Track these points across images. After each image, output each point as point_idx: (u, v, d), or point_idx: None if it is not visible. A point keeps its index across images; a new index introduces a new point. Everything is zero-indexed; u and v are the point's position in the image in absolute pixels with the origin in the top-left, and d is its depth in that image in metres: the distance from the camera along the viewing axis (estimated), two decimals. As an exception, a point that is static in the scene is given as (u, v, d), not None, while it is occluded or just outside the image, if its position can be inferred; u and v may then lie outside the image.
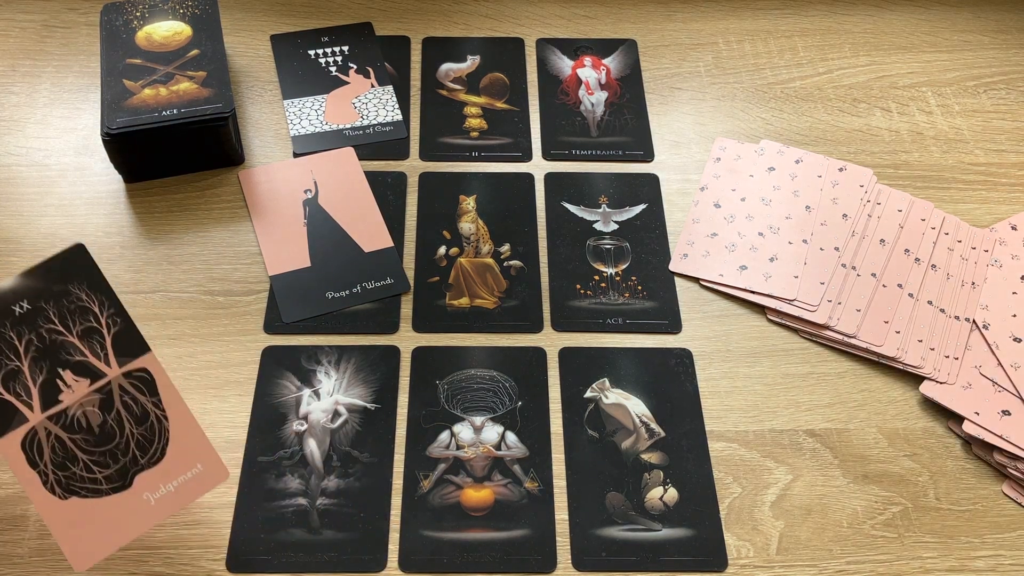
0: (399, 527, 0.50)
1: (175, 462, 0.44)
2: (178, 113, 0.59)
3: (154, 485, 0.43)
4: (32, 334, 0.42)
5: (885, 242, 0.61)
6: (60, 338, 0.43)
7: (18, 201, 0.62)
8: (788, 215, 0.62)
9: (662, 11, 0.76)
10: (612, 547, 0.49)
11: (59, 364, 0.43)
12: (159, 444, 0.44)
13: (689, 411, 0.54)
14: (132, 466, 0.43)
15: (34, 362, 0.42)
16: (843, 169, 0.65)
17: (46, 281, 0.43)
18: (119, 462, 0.43)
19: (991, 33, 0.75)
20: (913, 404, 0.55)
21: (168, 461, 0.44)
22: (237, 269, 0.59)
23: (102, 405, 0.43)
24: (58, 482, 0.42)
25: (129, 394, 0.44)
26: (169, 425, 0.44)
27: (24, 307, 0.42)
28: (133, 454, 0.43)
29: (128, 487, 0.43)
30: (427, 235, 0.62)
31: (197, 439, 0.44)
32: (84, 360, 0.43)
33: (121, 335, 0.43)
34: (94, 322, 0.43)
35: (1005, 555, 0.50)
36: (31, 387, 0.42)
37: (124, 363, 0.44)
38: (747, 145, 0.67)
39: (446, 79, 0.70)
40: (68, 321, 0.43)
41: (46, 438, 0.42)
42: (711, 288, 0.60)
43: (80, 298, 0.43)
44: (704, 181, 0.65)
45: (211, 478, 0.44)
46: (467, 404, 0.54)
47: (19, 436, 0.42)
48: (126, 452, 0.43)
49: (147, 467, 0.43)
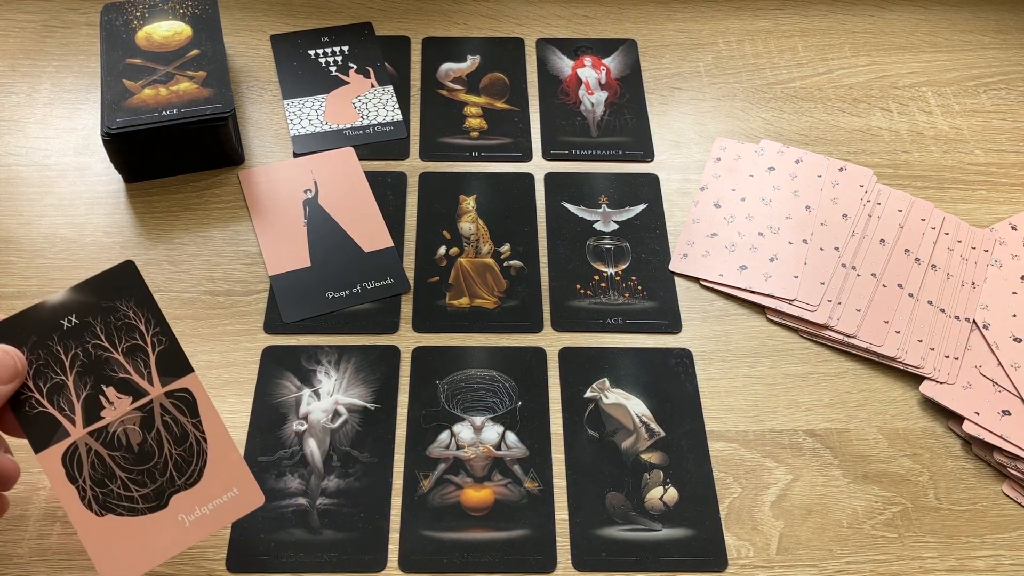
0: (399, 527, 0.50)
1: (211, 485, 0.44)
2: (178, 113, 0.59)
3: (190, 507, 0.43)
4: (78, 349, 0.43)
5: (885, 242, 0.61)
6: (105, 354, 0.43)
7: (18, 201, 0.62)
8: (788, 215, 0.62)
9: (662, 11, 0.76)
10: (612, 547, 0.49)
11: (103, 380, 0.43)
12: (197, 466, 0.44)
13: (689, 411, 0.54)
14: (169, 486, 0.43)
15: (79, 377, 0.43)
16: (843, 169, 0.65)
17: (95, 296, 0.43)
18: (156, 482, 0.43)
19: (991, 33, 0.75)
20: (913, 404, 0.55)
21: (205, 483, 0.44)
22: (237, 269, 0.59)
23: (143, 423, 0.43)
24: (95, 498, 0.42)
25: (170, 414, 0.44)
26: (208, 447, 0.44)
27: (72, 321, 0.43)
28: (171, 474, 0.43)
29: (164, 507, 0.43)
30: (427, 235, 0.62)
31: (234, 463, 0.44)
32: (128, 378, 0.43)
33: (165, 354, 0.44)
34: (139, 340, 0.44)
35: (1005, 555, 0.50)
36: (75, 402, 0.43)
37: (167, 383, 0.44)
38: (747, 145, 0.67)
39: (446, 79, 0.70)
40: (114, 337, 0.43)
41: (86, 454, 0.42)
42: (711, 288, 0.60)
43: (127, 315, 0.44)
44: (704, 181, 0.65)
45: (246, 503, 0.44)
46: (467, 404, 0.54)
47: (60, 450, 0.42)
48: (164, 472, 0.43)
49: (184, 488, 0.43)
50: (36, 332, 0.42)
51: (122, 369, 0.43)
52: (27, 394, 0.42)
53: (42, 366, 0.42)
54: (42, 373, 0.42)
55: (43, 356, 0.42)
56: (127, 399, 0.43)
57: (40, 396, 0.42)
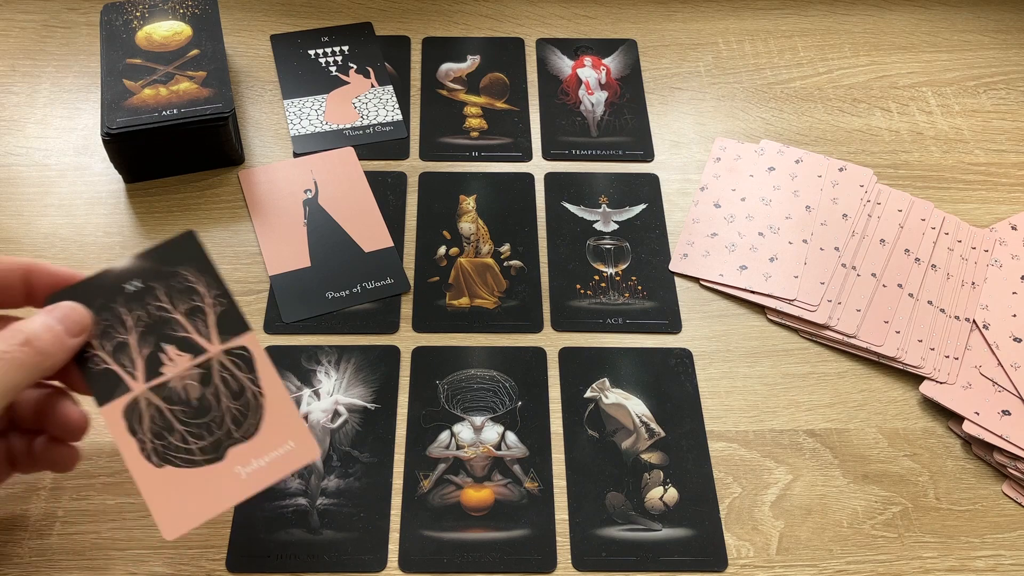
0: (399, 527, 0.50)
1: (268, 438, 0.44)
2: (178, 113, 0.59)
3: (246, 459, 0.44)
4: (141, 310, 0.45)
5: (885, 242, 0.61)
6: (166, 315, 0.45)
7: (18, 201, 0.62)
8: (788, 215, 0.62)
9: (662, 11, 0.76)
10: (612, 547, 0.49)
11: (164, 339, 0.45)
12: (253, 419, 0.45)
13: (689, 411, 0.54)
14: (226, 439, 0.44)
15: (141, 336, 0.45)
16: (843, 169, 0.65)
17: (158, 263, 0.46)
18: (214, 435, 0.44)
19: (991, 33, 0.75)
20: (913, 404, 0.55)
21: (261, 436, 0.44)
22: (237, 269, 0.59)
23: (201, 379, 0.45)
24: (155, 450, 0.44)
25: (228, 370, 0.45)
26: (264, 402, 0.45)
27: (136, 285, 0.46)
28: (228, 428, 0.44)
29: (221, 459, 0.44)
30: (427, 235, 0.62)
31: (291, 417, 0.45)
32: (187, 336, 0.45)
33: (224, 315, 0.46)
34: (199, 302, 0.46)
35: (1005, 555, 0.50)
36: (136, 359, 0.45)
37: (226, 340, 0.46)
38: (747, 145, 0.67)
39: (446, 79, 0.70)
40: (175, 300, 0.46)
41: (146, 407, 0.44)
42: (711, 288, 0.60)
43: (188, 279, 0.46)
44: (704, 181, 0.65)
45: (301, 456, 0.45)
46: (467, 404, 0.54)
47: (122, 404, 0.44)
48: (221, 425, 0.44)
49: (240, 441, 0.44)
50: (102, 295, 0.45)
51: (182, 329, 0.45)
52: (92, 352, 0.44)
53: (107, 326, 0.45)
54: (107, 333, 0.45)
55: (108, 318, 0.45)
56: (187, 356, 0.45)
57: (104, 354, 0.44)
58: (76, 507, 0.49)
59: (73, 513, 0.49)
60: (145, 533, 0.49)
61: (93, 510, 0.49)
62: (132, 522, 0.49)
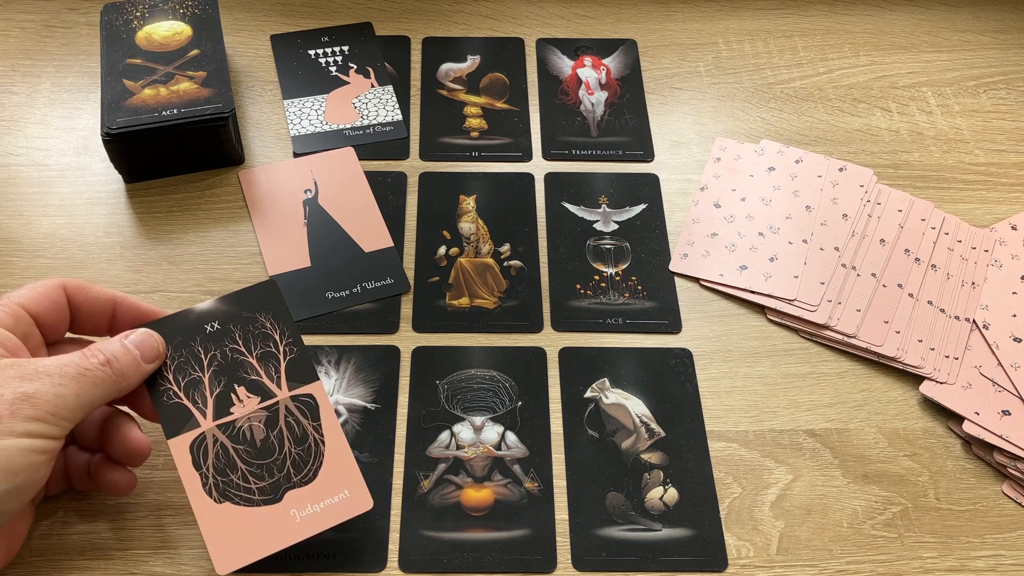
0: (399, 527, 0.50)
1: (325, 485, 0.46)
2: (178, 113, 0.59)
3: (302, 503, 0.46)
4: (217, 351, 0.48)
5: (885, 242, 0.61)
6: (240, 358, 0.48)
7: (18, 201, 0.62)
8: (788, 215, 0.62)
9: (662, 11, 0.76)
10: (612, 547, 0.49)
11: (236, 380, 0.47)
12: (313, 465, 0.47)
13: (689, 411, 0.54)
14: (285, 482, 0.46)
15: (214, 375, 0.47)
16: (843, 169, 0.65)
17: (237, 307, 0.49)
18: (274, 476, 0.46)
19: (991, 33, 0.75)
20: (913, 404, 0.55)
21: (319, 483, 0.46)
22: (237, 269, 0.59)
23: (267, 422, 0.47)
24: (216, 486, 0.46)
25: (293, 415, 0.47)
26: (325, 449, 0.47)
27: (214, 327, 0.48)
28: (288, 471, 0.46)
29: (278, 501, 0.46)
30: (427, 235, 0.62)
31: (348, 467, 0.47)
32: (259, 380, 0.48)
33: (294, 362, 0.48)
34: (273, 348, 0.48)
35: (1005, 555, 0.50)
36: (208, 397, 0.47)
37: (293, 387, 0.48)
38: (747, 145, 0.67)
39: (446, 79, 0.70)
40: (250, 344, 0.48)
41: (212, 444, 0.46)
42: (711, 288, 0.60)
43: (264, 326, 0.49)
44: (704, 181, 0.65)
45: (355, 506, 0.46)
46: (467, 404, 0.54)
47: (190, 438, 0.46)
48: (282, 468, 0.46)
49: (298, 485, 0.46)
50: (181, 333, 0.48)
51: (254, 372, 0.48)
52: (166, 386, 0.47)
53: (183, 363, 0.47)
54: (182, 369, 0.47)
55: (185, 354, 0.47)
56: (255, 399, 0.47)
57: (177, 389, 0.47)
58: (76, 507, 0.49)
59: (73, 513, 0.49)
60: (145, 533, 0.49)
61: (93, 510, 0.49)
62: (132, 522, 0.49)
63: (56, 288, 0.46)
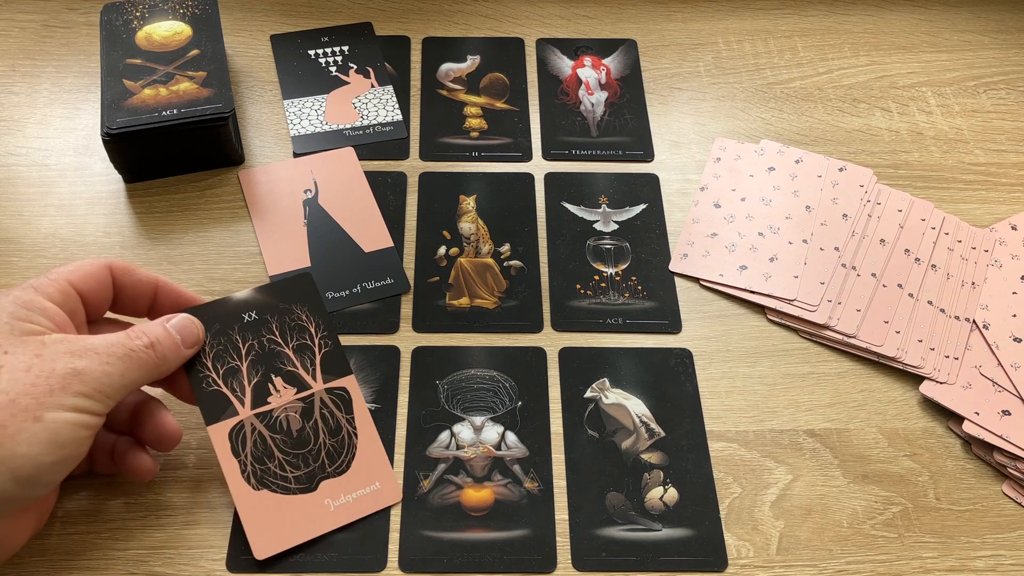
0: (399, 527, 0.50)
1: (357, 476, 0.48)
2: (178, 113, 0.59)
3: (335, 493, 0.48)
4: (255, 340, 0.49)
5: (885, 242, 0.61)
6: (277, 348, 0.49)
7: (18, 201, 0.62)
8: (788, 215, 0.62)
9: (662, 11, 0.76)
10: (612, 547, 0.49)
11: (272, 371, 0.49)
12: (346, 457, 0.48)
13: (689, 411, 0.54)
14: (320, 472, 0.48)
15: (252, 365, 0.49)
16: (843, 169, 0.65)
17: (274, 298, 0.50)
18: (309, 466, 0.48)
19: (991, 33, 0.75)
20: (913, 404, 0.55)
21: (352, 474, 0.48)
22: (237, 269, 0.59)
23: (303, 413, 0.49)
24: (254, 473, 0.47)
25: (328, 408, 0.49)
26: (358, 442, 0.49)
27: (252, 316, 0.49)
28: (323, 461, 0.48)
29: (313, 490, 0.48)
30: (427, 235, 0.62)
31: (380, 459, 0.49)
32: (295, 371, 0.49)
33: (329, 355, 0.50)
34: (308, 340, 0.50)
35: (1005, 555, 0.50)
36: (246, 386, 0.48)
37: (328, 380, 0.50)
38: (747, 145, 0.67)
39: (446, 79, 0.70)
40: (287, 335, 0.50)
41: (250, 432, 0.48)
42: (711, 288, 0.60)
43: (300, 318, 0.50)
44: (704, 181, 0.65)
45: (386, 497, 0.48)
46: (467, 404, 0.54)
47: (228, 425, 0.47)
48: (317, 458, 0.48)
49: (332, 475, 0.48)
50: (220, 320, 0.49)
51: (290, 363, 0.49)
52: (205, 373, 0.48)
53: (221, 351, 0.48)
54: (221, 357, 0.48)
55: (223, 342, 0.48)
56: (292, 389, 0.49)
57: (216, 376, 0.48)
58: (76, 507, 0.49)
59: (73, 513, 0.49)
60: (145, 533, 0.49)
61: (93, 510, 0.49)
62: (132, 522, 0.49)
63: (103, 268, 0.46)
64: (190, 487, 0.50)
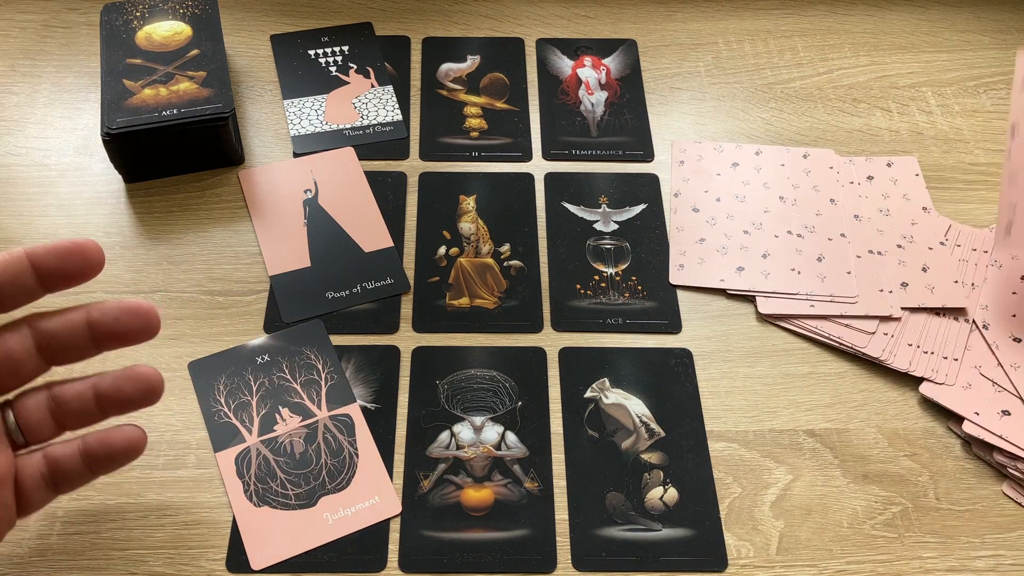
0: (399, 527, 0.50)
1: (357, 492, 0.50)
2: (178, 113, 0.59)
3: (334, 508, 0.49)
4: (265, 379, 0.53)
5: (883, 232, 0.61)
6: (286, 384, 0.53)
7: (18, 201, 0.62)
8: (766, 208, 0.62)
9: (662, 11, 0.76)
10: (612, 547, 0.49)
11: (280, 403, 0.53)
12: (347, 475, 0.50)
13: (689, 411, 0.54)
14: (320, 489, 0.50)
15: (261, 399, 0.53)
16: (807, 156, 0.65)
17: (286, 343, 0.55)
18: (310, 484, 0.50)
19: (991, 33, 0.75)
20: (913, 404, 0.55)
21: (351, 490, 0.50)
22: (237, 269, 0.59)
23: (306, 438, 0.52)
24: (256, 492, 0.50)
25: (331, 432, 0.52)
26: (358, 462, 0.51)
27: (264, 359, 0.54)
28: (323, 479, 0.50)
29: (312, 506, 0.49)
30: (427, 235, 0.62)
31: (380, 476, 0.51)
32: (301, 402, 0.53)
33: (334, 387, 0.53)
34: (315, 376, 0.54)
35: (1005, 555, 0.50)
36: (254, 417, 0.52)
37: (332, 408, 0.53)
38: (705, 143, 0.67)
39: (446, 79, 0.70)
40: (296, 373, 0.54)
41: (256, 456, 0.51)
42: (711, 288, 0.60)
43: (309, 357, 0.54)
44: (676, 187, 0.65)
45: (384, 510, 0.50)
46: (467, 404, 0.54)
47: (235, 451, 0.51)
48: (318, 477, 0.50)
49: (332, 492, 0.50)
50: (234, 364, 0.54)
51: (297, 396, 0.53)
52: (218, 408, 0.52)
53: (234, 388, 0.53)
54: (233, 394, 0.53)
55: (236, 382, 0.53)
56: (297, 418, 0.52)
57: (228, 411, 0.52)
58: (76, 507, 0.49)
59: (73, 513, 0.49)
60: (145, 533, 0.49)
61: (93, 510, 0.49)
62: (132, 522, 0.49)
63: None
64: (190, 487, 0.50)
